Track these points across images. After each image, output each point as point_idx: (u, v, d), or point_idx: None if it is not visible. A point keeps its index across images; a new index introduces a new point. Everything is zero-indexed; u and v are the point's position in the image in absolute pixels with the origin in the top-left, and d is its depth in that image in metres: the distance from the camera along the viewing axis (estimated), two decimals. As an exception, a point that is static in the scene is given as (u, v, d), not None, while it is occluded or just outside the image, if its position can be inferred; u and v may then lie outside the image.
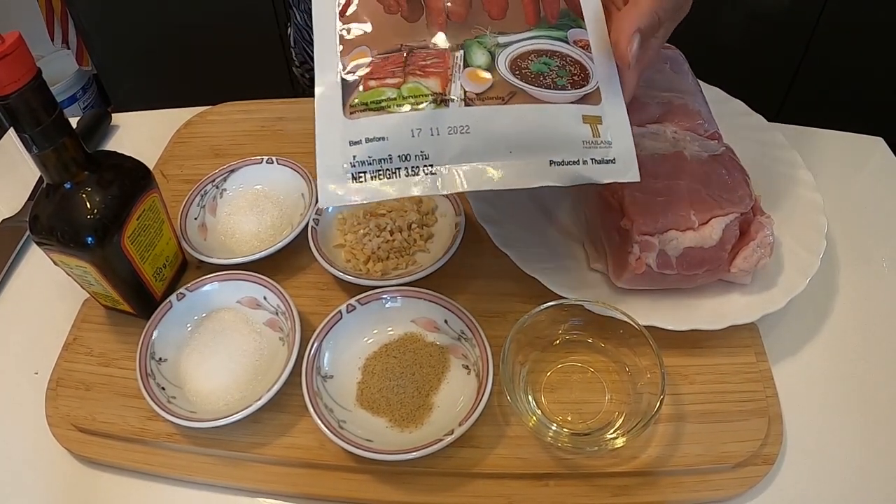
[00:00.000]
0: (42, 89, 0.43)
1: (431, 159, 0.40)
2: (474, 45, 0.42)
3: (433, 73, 0.41)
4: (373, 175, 0.39)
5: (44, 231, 0.48)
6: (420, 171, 0.39)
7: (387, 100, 0.40)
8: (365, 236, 0.58)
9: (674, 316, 0.51)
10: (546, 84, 0.41)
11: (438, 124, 0.40)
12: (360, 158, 0.39)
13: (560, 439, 0.46)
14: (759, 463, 0.46)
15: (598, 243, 0.55)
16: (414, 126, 0.40)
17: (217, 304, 0.55)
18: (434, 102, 0.40)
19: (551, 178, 0.41)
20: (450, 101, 0.40)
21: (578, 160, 0.41)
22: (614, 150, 0.42)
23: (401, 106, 0.40)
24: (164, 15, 1.37)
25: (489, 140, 0.40)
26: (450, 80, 0.40)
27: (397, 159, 0.39)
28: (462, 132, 0.40)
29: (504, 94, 0.40)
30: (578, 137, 0.41)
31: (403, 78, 0.41)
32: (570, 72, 0.42)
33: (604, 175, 0.41)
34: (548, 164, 0.41)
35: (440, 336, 0.52)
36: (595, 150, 0.41)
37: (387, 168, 0.39)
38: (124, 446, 0.50)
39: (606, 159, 0.41)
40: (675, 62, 0.63)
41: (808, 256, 0.53)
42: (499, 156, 0.40)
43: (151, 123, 0.78)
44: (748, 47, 1.35)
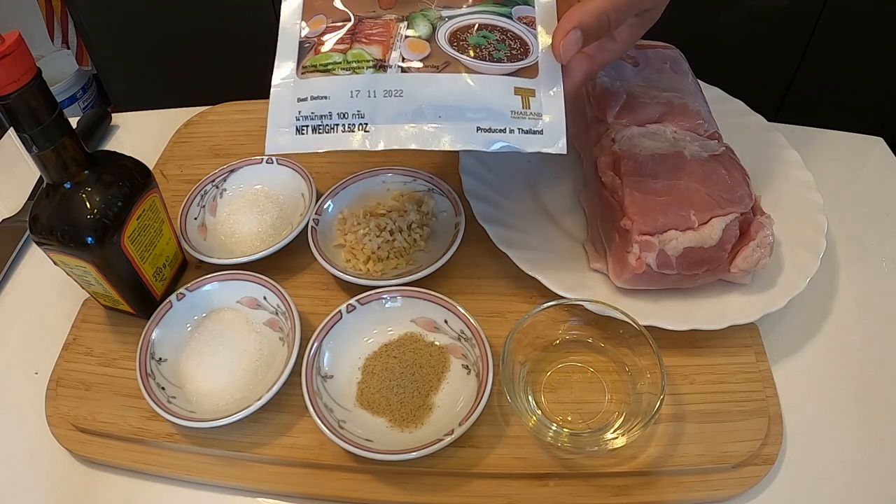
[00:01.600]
0: (42, 89, 0.43)
1: (367, 118, 0.43)
2: (418, 16, 0.45)
3: (376, 41, 0.44)
4: (314, 129, 0.43)
5: (44, 231, 0.48)
6: (356, 128, 0.43)
7: (333, 63, 0.44)
8: (365, 236, 0.58)
9: (674, 316, 0.51)
10: (482, 56, 0.44)
11: (376, 87, 0.43)
12: (305, 114, 0.44)
13: (560, 439, 0.46)
14: (759, 463, 0.46)
15: (598, 243, 0.55)
16: (353, 88, 0.43)
17: (217, 304, 0.55)
18: (374, 67, 0.44)
19: (476, 143, 0.43)
20: (388, 67, 0.44)
21: (505, 129, 0.43)
22: (543, 122, 0.44)
23: (344, 69, 0.44)
24: (163, 15, 1.37)
25: (420, 104, 0.43)
26: (391, 48, 0.44)
27: (336, 116, 0.43)
28: (396, 95, 0.43)
29: (439, 63, 0.44)
30: (507, 108, 0.43)
31: (350, 44, 0.45)
32: (510, 46, 0.45)
33: (528, 144, 0.43)
34: (474, 129, 0.43)
35: (440, 336, 0.52)
36: (523, 121, 0.43)
37: (326, 124, 0.43)
38: (124, 446, 0.50)
39: (534, 130, 0.44)
40: (675, 62, 0.63)
41: (808, 256, 0.53)
42: (428, 119, 0.43)
43: (151, 123, 0.79)
44: (748, 47, 1.35)
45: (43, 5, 1.66)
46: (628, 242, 0.50)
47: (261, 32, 1.40)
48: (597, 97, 0.59)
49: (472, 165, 0.62)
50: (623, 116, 0.57)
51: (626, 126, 0.56)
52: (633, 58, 0.63)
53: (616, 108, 0.57)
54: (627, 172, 0.52)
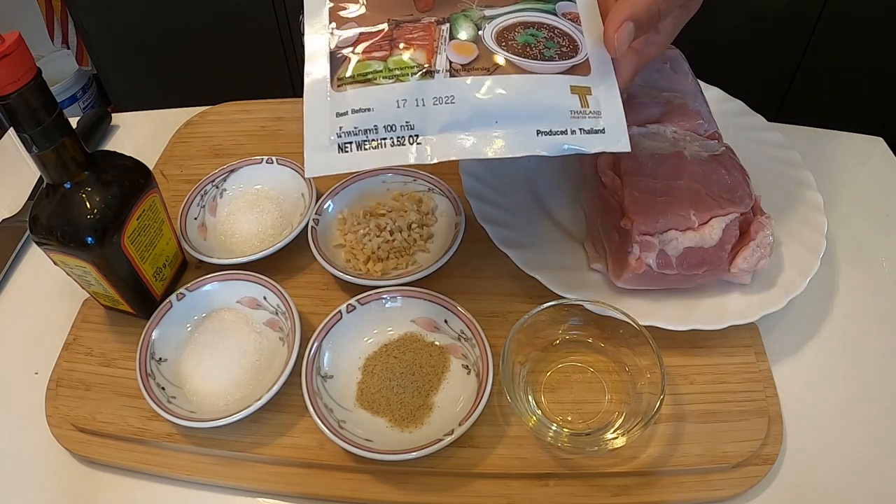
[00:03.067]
0: (42, 89, 0.43)
1: (417, 129, 0.40)
2: (460, 18, 0.42)
3: (419, 46, 0.41)
4: (358, 145, 0.40)
5: (44, 231, 0.48)
6: (405, 141, 0.40)
7: (373, 72, 0.41)
8: (365, 236, 0.58)
9: (674, 316, 0.51)
10: (533, 55, 0.42)
11: (424, 95, 0.40)
12: (346, 129, 0.40)
13: (560, 439, 0.46)
14: (759, 463, 0.46)
15: (598, 243, 0.55)
16: (399, 97, 0.40)
17: (217, 304, 0.55)
18: (419, 74, 0.40)
19: (538, 148, 0.40)
20: (435, 73, 0.40)
21: (566, 130, 0.41)
22: (604, 120, 0.41)
23: (387, 78, 0.40)
24: (164, 15, 1.37)
25: (474, 110, 0.40)
26: (435, 53, 0.41)
27: (383, 129, 0.40)
28: (447, 102, 0.40)
29: (489, 66, 0.41)
30: (566, 107, 0.41)
31: (390, 51, 0.41)
32: (559, 43, 0.42)
33: (593, 144, 0.41)
34: (535, 133, 0.40)
35: (440, 336, 0.52)
36: (583, 120, 0.41)
37: (372, 139, 0.40)
38: (124, 446, 0.50)
39: (595, 129, 0.41)
40: (675, 62, 0.63)
41: (808, 256, 0.53)
42: (484, 126, 0.40)
43: (151, 123, 0.79)
44: (748, 47, 1.35)
45: (43, 5, 1.66)
46: (628, 242, 0.50)
47: (261, 33, 1.40)
48: (597, 97, 0.59)
49: (472, 165, 0.62)
50: (623, 116, 0.57)
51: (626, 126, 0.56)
52: (633, 58, 0.63)
53: (616, 108, 0.57)
54: (627, 172, 0.52)
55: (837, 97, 1.37)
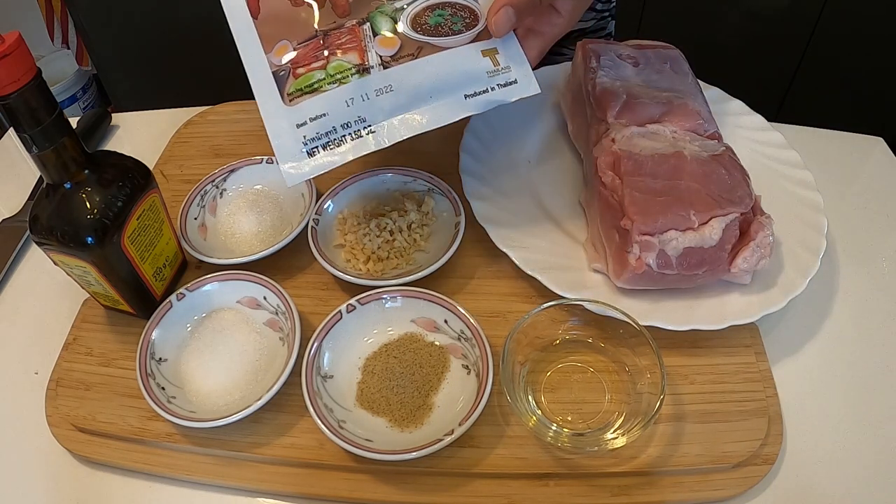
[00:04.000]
0: (42, 89, 0.43)
1: (369, 121, 0.45)
2: (377, 15, 0.48)
3: (350, 49, 0.47)
4: (324, 147, 0.45)
5: (44, 231, 0.48)
6: (361, 133, 0.45)
7: (317, 81, 0.46)
8: (365, 236, 0.58)
9: (674, 316, 0.51)
10: (444, 32, 0.47)
11: (366, 90, 0.45)
12: (310, 136, 0.45)
13: (560, 439, 0.46)
14: (759, 463, 0.46)
15: (598, 243, 0.55)
16: (346, 97, 0.45)
17: (217, 304, 0.55)
18: (358, 73, 0.46)
19: (469, 109, 0.46)
20: (371, 69, 0.46)
21: (486, 88, 0.47)
22: (514, 72, 0.47)
23: (330, 83, 0.46)
24: (164, 15, 1.37)
25: (411, 92, 0.46)
26: (365, 51, 0.46)
27: (340, 128, 0.45)
28: (387, 91, 0.45)
29: (413, 51, 0.46)
30: (482, 69, 0.47)
31: (327, 59, 0.46)
32: (462, 17, 0.48)
33: (510, 95, 0.47)
34: (463, 98, 0.46)
35: (440, 336, 0.52)
36: (498, 77, 0.47)
37: (333, 138, 0.45)
38: (124, 446, 0.50)
39: (509, 81, 0.47)
40: (676, 62, 0.63)
41: (808, 256, 0.53)
42: (423, 102, 0.46)
43: (151, 123, 0.79)
44: (748, 47, 1.35)
45: (43, 5, 1.66)
46: (628, 242, 0.50)
47: (261, 32, 1.40)
48: (597, 97, 0.59)
49: (472, 165, 0.62)
50: (623, 116, 0.57)
51: (626, 126, 0.56)
52: (634, 58, 0.63)
53: (616, 108, 0.57)
54: (627, 172, 0.52)
55: (837, 97, 1.37)
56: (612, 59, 0.62)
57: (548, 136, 0.68)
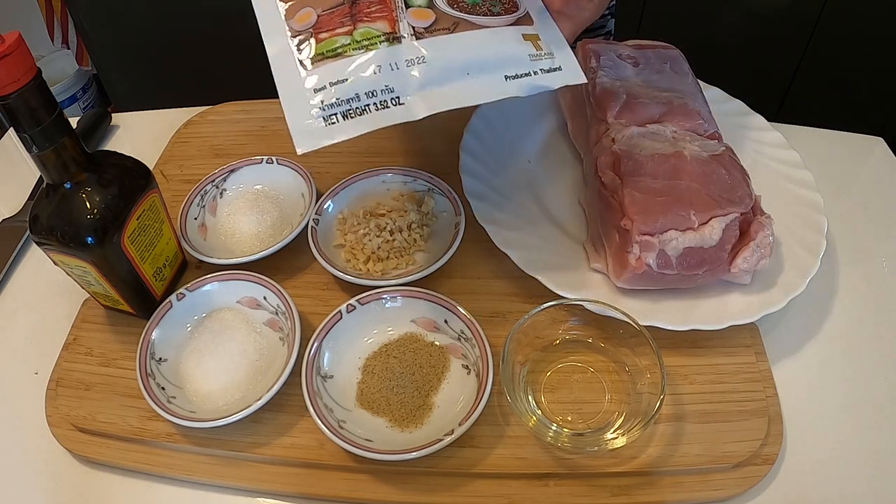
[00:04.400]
0: (42, 89, 0.43)
1: (397, 91, 0.42)
2: None
3: (379, 17, 0.44)
4: (343, 115, 0.41)
5: (44, 231, 0.48)
6: (388, 103, 0.42)
7: (341, 46, 0.43)
8: (365, 236, 0.58)
9: (674, 316, 0.51)
10: (482, 12, 0.45)
11: (396, 59, 0.42)
12: (328, 102, 0.41)
13: (560, 439, 0.46)
14: (759, 463, 0.46)
15: (598, 243, 0.55)
16: (374, 63, 0.42)
17: (217, 304, 0.55)
18: (387, 41, 0.43)
19: (510, 91, 0.43)
20: (401, 38, 0.43)
21: (529, 72, 0.44)
22: (558, 59, 0.45)
23: (356, 49, 0.42)
24: (164, 15, 1.37)
25: (446, 66, 0.43)
26: (396, 21, 0.43)
27: (364, 96, 0.41)
28: (419, 62, 0.42)
29: (449, 25, 0.44)
30: (524, 52, 0.44)
31: (353, 25, 0.43)
32: (500, 1, 0.46)
33: (555, 81, 0.45)
34: (503, 79, 0.43)
35: (440, 336, 0.52)
36: (541, 62, 0.45)
37: (356, 106, 0.41)
38: (124, 446, 0.50)
39: (553, 67, 0.45)
40: (676, 62, 0.63)
41: (808, 256, 0.53)
42: (457, 77, 0.43)
43: (151, 123, 0.79)
44: (748, 47, 1.35)
45: (43, 5, 1.66)
46: (628, 242, 0.50)
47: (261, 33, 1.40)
48: (597, 97, 0.59)
49: (472, 165, 0.62)
50: (623, 116, 0.57)
51: (626, 126, 0.56)
52: (633, 58, 0.63)
53: (616, 108, 0.57)
54: (627, 172, 0.52)
55: (837, 97, 1.37)
56: (612, 59, 0.62)
57: (548, 136, 0.68)
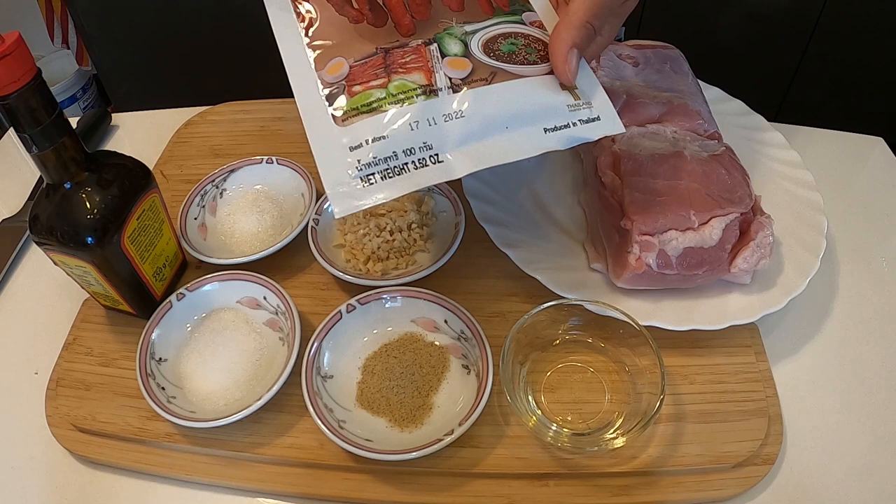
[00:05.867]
0: (42, 89, 0.43)
1: (436, 149, 0.40)
2: (445, 36, 0.44)
3: (415, 69, 0.42)
4: (381, 174, 0.39)
5: (44, 231, 0.48)
6: (427, 161, 0.40)
7: (377, 100, 0.41)
8: (365, 236, 0.58)
9: (674, 316, 0.51)
10: (519, 61, 0.44)
11: (434, 114, 0.41)
12: (365, 161, 0.40)
13: (560, 439, 0.46)
14: (759, 463, 0.46)
15: (598, 243, 0.55)
16: (411, 120, 0.40)
17: (217, 304, 0.55)
18: (424, 94, 0.41)
19: (550, 144, 0.42)
20: (438, 91, 0.41)
21: (568, 123, 0.43)
22: (596, 109, 0.44)
23: (392, 103, 0.41)
24: (164, 15, 1.37)
25: (485, 119, 0.41)
26: (432, 72, 0.42)
27: (402, 154, 0.40)
28: (458, 117, 0.41)
29: (486, 76, 0.42)
30: (563, 103, 0.43)
31: (388, 77, 0.42)
32: (536, 49, 0.45)
33: (594, 131, 0.43)
34: (542, 132, 0.42)
35: (440, 336, 0.52)
36: (580, 112, 0.43)
37: (394, 165, 0.40)
38: (124, 446, 0.50)
39: (591, 118, 0.44)
40: (675, 62, 0.63)
41: (808, 256, 0.53)
42: (497, 132, 0.41)
43: (151, 123, 0.79)
44: (748, 47, 1.35)
45: (43, 5, 1.66)
46: (628, 242, 0.50)
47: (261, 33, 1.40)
48: (597, 97, 0.59)
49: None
50: (623, 116, 0.56)
51: (626, 126, 0.56)
52: (633, 58, 0.63)
53: (616, 108, 0.57)
54: (627, 172, 0.52)
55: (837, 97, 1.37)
56: (612, 59, 0.62)
57: (548, 136, 0.68)
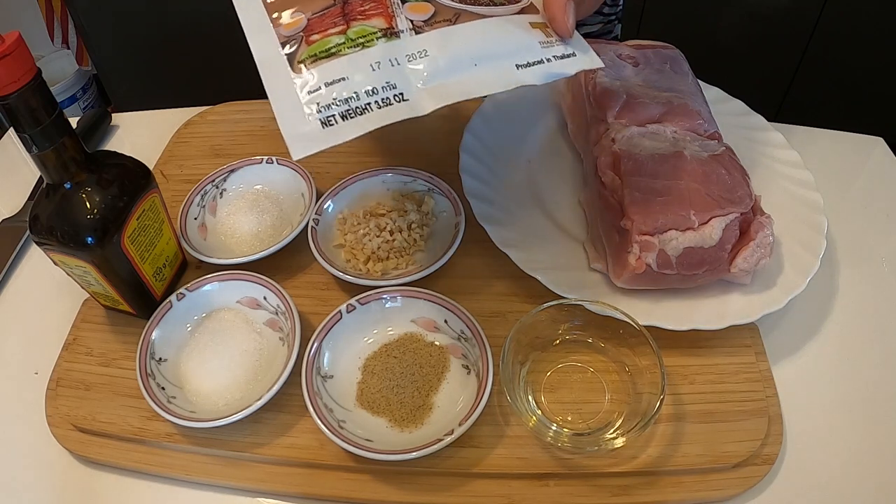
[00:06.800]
0: (42, 89, 0.43)
1: (400, 87, 0.39)
2: None
3: (374, 14, 0.41)
4: (342, 115, 0.38)
5: (44, 231, 0.48)
6: (391, 100, 0.39)
7: (335, 45, 0.40)
8: (365, 236, 0.58)
9: (674, 316, 0.51)
10: (485, 3, 0.43)
11: (396, 55, 0.40)
12: (324, 103, 0.39)
13: (560, 439, 0.46)
14: (759, 463, 0.46)
15: (598, 243, 0.55)
16: (372, 61, 0.39)
17: (217, 304, 0.55)
18: (385, 37, 0.40)
19: (525, 79, 0.41)
20: (400, 33, 0.40)
21: (542, 59, 0.42)
22: (570, 45, 0.43)
23: (352, 47, 0.40)
24: (164, 15, 1.37)
25: (451, 57, 0.40)
26: (393, 16, 0.41)
27: (364, 95, 0.39)
28: (422, 56, 0.40)
29: (450, 17, 0.42)
30: (535, 39, 0.42)
31: (346, 24, 0.41)
32: None
33: (570, 66, 0.42)
34: (514, 67, 0.41)
35: (440, 336, 0.52)
36: (553, 48, 0.42)
37: (355, 106, 0.39)
38: (124, 446, 0.50)
39: (567, 54, 0.43)
40: (676, 62, 0.63)
41: (808, 256, 0.53)
42: (465, 69, 0.40)
43: (151, 123, 0.79)
44: (748, 47, 1.35)
45: (43, 5, 1.66)
46: (628, 242, 0.50)
47: (261, 32, 1.40)
48: (597, 97, 0.59)
49: (472, 165, 0.62)
50: (623, 116, 0.57)
51: (626, 126, 0.56)
52: (633, 58, 0.63)
53: (616, 108, 0.57)
54: (627, 172, 0.52)
55: (837, 97, 1.37)
56: (612, 59, 0.62)
57: (548, 136, 0.68)
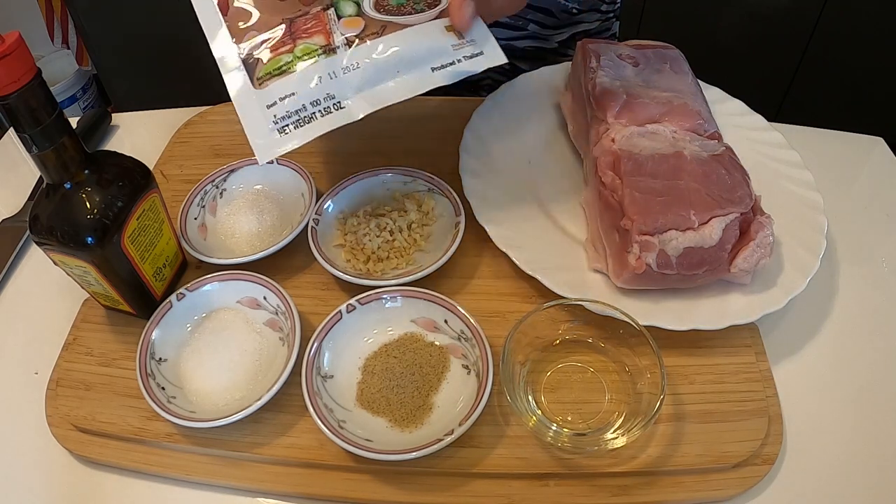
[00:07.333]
0: (42, 89, 0.43)
1: (338, 97, 0.47)
2: (340, 0, 0.50)
3: (316, 32, 0.48)
4: (294, 125, 0.46)
5: (44, 231, 0.48)
6: (331, 108, 0.47)
7: (285, 64, 0.47)
8: (365, 236, 0.58)
9: (674, 316, 0.51)
10: (407, 12, 0.49)
11: (333, 69, 0.47)
12: (280, 115, 0.46)
13: (560, 439, 0.46)
14: (759, 463, 0.46)
15: (598, 243, 0.55)
16: (314, 75, 0.47)
17: (217, 304, 0.55)
18: (325, 53, 0.47)
19: (437, 81, 0.47)
20: (336, 49, 0.48)
21: (453, 60, 0.48)
22: (479, 45, 0.48)
23: (298, 64, 0.47)
24: (164, 15, 1.37)
25: (378, 67, 0.47)
26: (331, 33, 0.48)
27: (310, 105, 0.46)
28: (354, 68, 0.47)
29: (377, 29, 0.48)
30: (447, 43, 0.48)
31: (293, 44, 0.48)
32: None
33: (477, 65, 0.48)
34: (430, 71, 0.47)
35: (440, 336, 0.52)
36: (463, 50, 0.48)
37: (304, 115, 0.46)
38: (124, 446, 0.50)
39: (475, 53, 0.48)
40: (676, 62, 0.63)
41: (808, 256, 0.53)
42: (390, 76, 0.47)
43: (151, 123, 0.79)
44: (748, 47, 1.35)
45: (43, 5, 1.66)
46: (628, 242, 0.50)
47: (261, 32, 1.40)
48: (597, 97, 0.59)
49: (472, 165, 0.62)
50: (623, 116, 0.57)
51: (626, 126, 0.56)
52: (633, 58, 0.63)
53: (616, 108, 0.57)
54: (627, 172, 0.52)
55: (837, 97, 1.37)
56: (611, 59, 0.62)
57: (548, 136, 0.68)
